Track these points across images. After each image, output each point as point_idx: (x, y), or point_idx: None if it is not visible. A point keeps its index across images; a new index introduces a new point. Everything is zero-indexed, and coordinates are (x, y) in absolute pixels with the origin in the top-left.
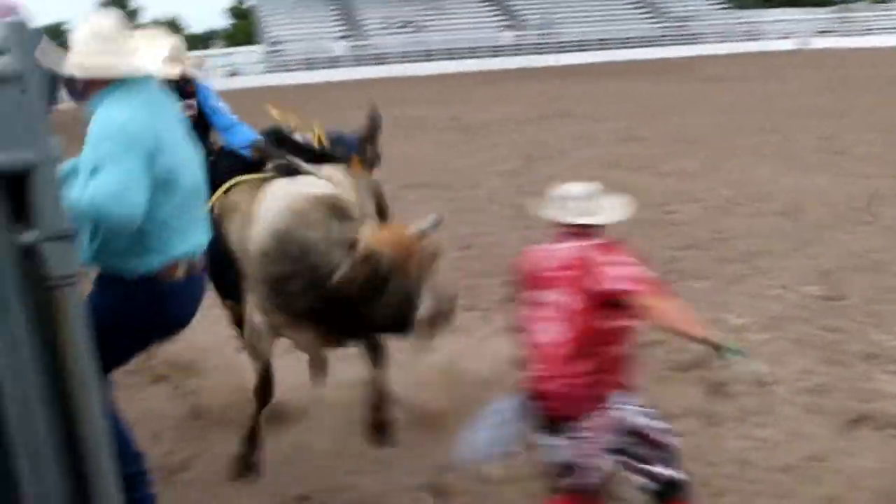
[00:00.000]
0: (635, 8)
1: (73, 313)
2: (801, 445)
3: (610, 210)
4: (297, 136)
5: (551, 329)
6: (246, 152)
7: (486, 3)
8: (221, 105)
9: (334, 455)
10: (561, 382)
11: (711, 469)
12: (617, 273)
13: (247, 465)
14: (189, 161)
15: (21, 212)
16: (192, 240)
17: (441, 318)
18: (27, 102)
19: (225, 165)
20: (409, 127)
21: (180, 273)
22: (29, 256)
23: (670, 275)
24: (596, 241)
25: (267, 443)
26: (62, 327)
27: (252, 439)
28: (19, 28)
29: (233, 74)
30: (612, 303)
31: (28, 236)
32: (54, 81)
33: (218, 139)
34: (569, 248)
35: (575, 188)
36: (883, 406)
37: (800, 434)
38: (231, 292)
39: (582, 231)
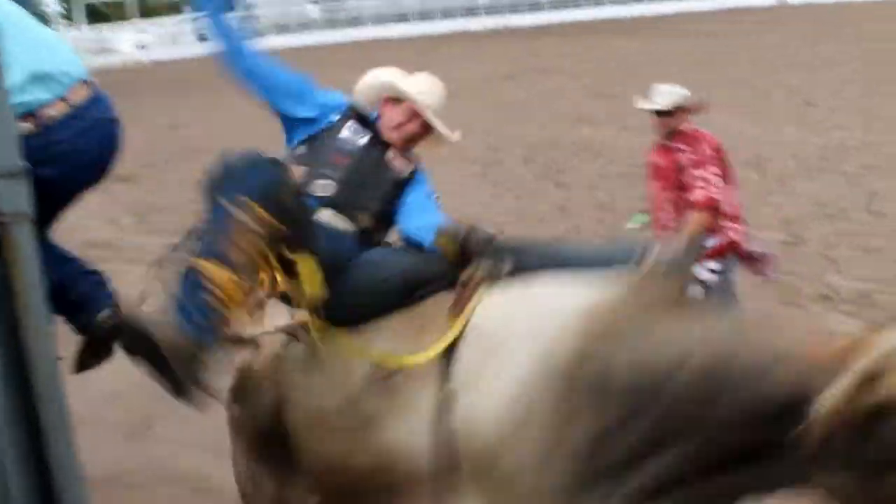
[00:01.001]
0: None
1: (25, 252)
2: None
3: None
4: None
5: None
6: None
7: None
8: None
9: None
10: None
11: None
12: None
13: None
14: None
15: None
16: (33, 66)
17: None
18: None
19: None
20: None
21: (55, 112)
22: None
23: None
24: None
25: None
26: (12, 267)
27: None
28: None
29: (203, 39)
30: None
31: None
32: None
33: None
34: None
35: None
36: None
37: None
38: None
39: None
